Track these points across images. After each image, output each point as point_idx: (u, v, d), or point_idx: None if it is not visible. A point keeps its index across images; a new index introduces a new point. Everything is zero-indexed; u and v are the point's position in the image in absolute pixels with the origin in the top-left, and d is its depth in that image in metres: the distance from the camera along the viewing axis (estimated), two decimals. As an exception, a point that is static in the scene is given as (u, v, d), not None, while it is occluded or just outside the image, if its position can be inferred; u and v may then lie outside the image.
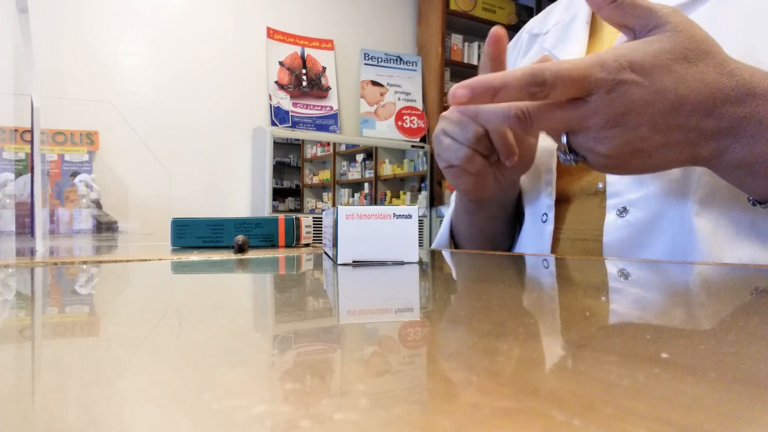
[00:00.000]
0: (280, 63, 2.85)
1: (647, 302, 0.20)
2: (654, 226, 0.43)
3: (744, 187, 0.37)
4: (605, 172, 0.40)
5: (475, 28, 3.25)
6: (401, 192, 3.10)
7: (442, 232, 0.65)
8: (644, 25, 0.34)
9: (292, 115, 2.83)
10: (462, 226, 0.60)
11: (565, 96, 0.34)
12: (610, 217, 0.46)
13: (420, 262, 0.37)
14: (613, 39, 0.51)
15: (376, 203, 3.00)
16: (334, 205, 2.94)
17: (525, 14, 3.40)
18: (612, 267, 0.34)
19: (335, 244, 0.35)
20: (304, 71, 2.90)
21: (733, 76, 0.33)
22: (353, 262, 0.35)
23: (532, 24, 0.68)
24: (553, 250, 0.52)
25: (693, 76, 0.32)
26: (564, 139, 0.37)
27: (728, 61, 0.33)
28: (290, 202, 2.86)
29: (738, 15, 0.42)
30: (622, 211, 0.45)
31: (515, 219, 0.60)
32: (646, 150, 0.35)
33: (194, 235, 0.58)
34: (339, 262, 0.35)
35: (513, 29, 3.12)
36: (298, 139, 2.82)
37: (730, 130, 0.33)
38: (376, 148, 3.01)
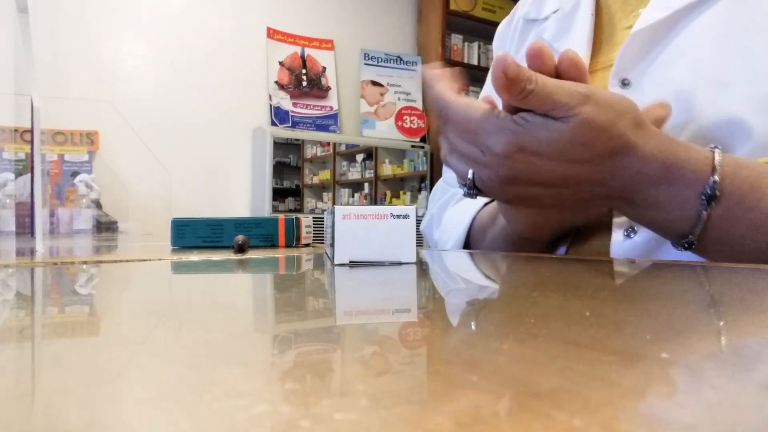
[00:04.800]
0: (280, 63, 2.85)
1: (648, 302, 0.20)
2: (660, 246, 0.42)
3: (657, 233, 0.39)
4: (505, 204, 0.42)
5: (475, 28, 3.25)
6: (401, 192, 3.10)
7: (458, 239, 0.56)
8: (554, 112, 0.33)
9: (292, 115, 2.83)
10: (483, 244, 0.54)
11: (459, 134, 0.36)
12: (617, 237, 0.44)
13: (417, 263, 0.37)
14: (624, 37, 0.49)
15: (376, 203, 3.00)
16: (334, 205, 2.94)
17: (525, 14, 3.39)
18: (607, 267, 0.34)
19: (332, 245, 0.35)
20: (304, 71, 2.90)
21: (627, 166, 0.34)
22: (350, 262, 0.35)
23: (528, 8, 0.61)
24: None
25: (584, 166, 0.34)
26: (470, 174, 0.38)
27: (628, 147, 0.33)
28: (290, 202, 2.86)
29: (753, 15, 0.40)
30: (629, 231, 0.44)
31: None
32: (537, 201, 0.37)
33: (194, 235, 0.58)
34: (336, 262, 0.35)
35: (513, 29, 3.11)
36: (298, 139, 2.82)
37: (617, 198, 0.35)
38: (376, 148, 3.01)
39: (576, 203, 0.37)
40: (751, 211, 0.33)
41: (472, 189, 0.39)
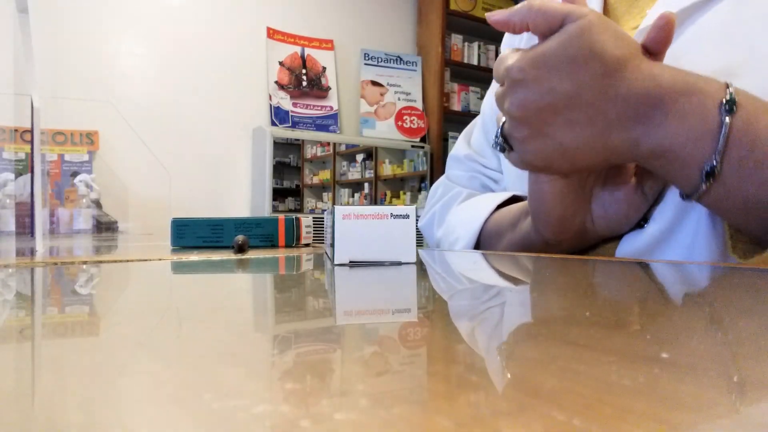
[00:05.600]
0: (280, 63, 2.85)
1: (648, 302, 0.20)
2: (671, 235, 0.42)
3: (670, 178, 0.38)
4: (525, 167, 0.41)
5: (475, 28, 3.25)
6: (401, 192, 3.10)
7: (469, 240, 0.54)
8: (566, 19, 0.36)
9: (292, 115, 2.83)
10: (499, 246, 0.52)
11: (495, 71, 0.39)
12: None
13: (417, 263, 0.37)
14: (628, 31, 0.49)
15: (376, 203, 3.00)
16: (334, 205, 2.93)
17: (525, 14, 3.39)
18: (608, 267, 0.34)
19: (332, 245, 0.35)
20: (304, 71, 2.90)
21: (640, 79, 0.34)
22: (350, 262, 0.35)
23: None
24: None
25: (595, 75, 0.35)
26: (500, 123, 0.40)
27: (638, 60, 0.35)
28: (290, 202, 2.86)
29: (758, 11, 0.40)
30: (641, 221, 0.43)
31: None
32: (554, 137, 0.37)
33: (194, 235, 0.58)
34: (336, 262, 0.35)
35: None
36: (298, 139, 2.82)
37: (636, 117, 0.35)
38: (376, 148, 3.01)
39: (592, 136, 0.36)
40: None
41: (498, 138, 0.40)
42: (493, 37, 3.30)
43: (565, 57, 0.35)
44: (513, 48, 0.39)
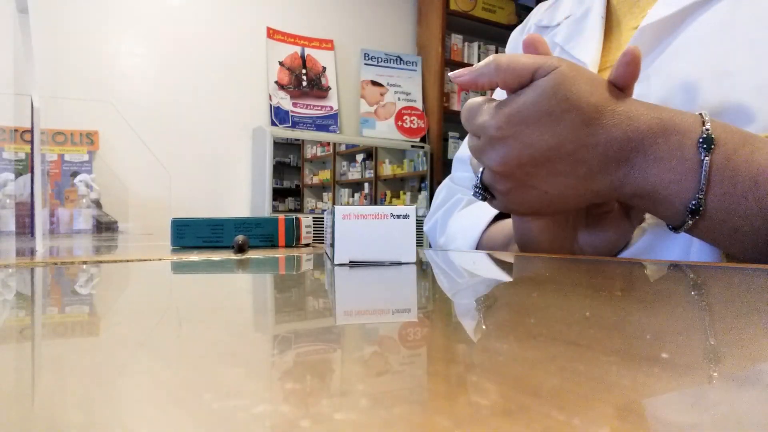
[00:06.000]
0: (280, 63, 2.85)
1: (648, 302, 0.20)
2: (667, 236, 0.42)
3: (656, 215, 0.38)
4: (512, 212, 0.41)
5: (475, 28, 3.25)
6: (401, 192, 3.10)
7: (468, 249, 0.56)
8: (537, 72, 0.35)
9: (292, 115, 2.83)
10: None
11: (465, 123, 0.38)
12: None
13: (417, 263, 0.37)
14: (629, 37, 0.49)
15: (376, 203, 3.00)
16: (334, 205, 2.93)
17: (525, 14, 3.39)
18: (607, 267, 0.34)
19: (332, 245, 0.35)
20: (304, 71, 2.90)
21: (617, 124, 0.34)
22: (350, 262, 0.35)
23: (540, 15, 0.63)
24: None
25: (572, 126, 0.34)
26: (479, 173, 0.39)
27: (613, 105, 0.34)
28: (290, 202, 2.86)
29: (756, 10, 0.41)
30: (641, 221, 0.43)
31: None
32: (538, 187, 0.36)
33: (194, 235, 0.58)
34: (336, 262, 0.35)
35: (513, 29, 3.11)
36: (298, 139, 2.82)
37: (616, 162, 0.35)
38: (376, 148, 3.01)
39: (576, 183, 0.36)
40: (748, 163, 0.33)
41: (479, 188, 0.39)
42: (492, 37, 3.29)
43: (542, 112, 0.34)
44: (482, 98, 0.38)
